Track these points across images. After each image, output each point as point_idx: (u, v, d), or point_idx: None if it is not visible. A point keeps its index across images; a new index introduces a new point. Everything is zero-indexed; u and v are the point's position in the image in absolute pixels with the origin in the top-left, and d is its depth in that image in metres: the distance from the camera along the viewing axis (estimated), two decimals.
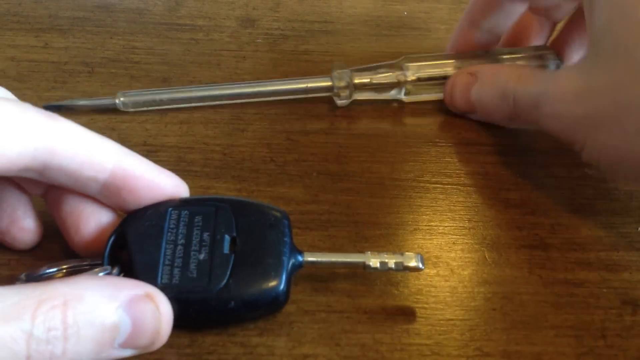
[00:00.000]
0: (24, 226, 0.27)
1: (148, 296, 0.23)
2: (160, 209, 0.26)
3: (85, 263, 0.26)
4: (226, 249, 0.25)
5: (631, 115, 0.27)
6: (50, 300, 0.21)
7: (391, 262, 0.26)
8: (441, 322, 0.26)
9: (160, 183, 0.26)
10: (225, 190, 0.31)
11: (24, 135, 0.23)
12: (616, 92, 0.27)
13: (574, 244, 0.30)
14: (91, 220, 0.26)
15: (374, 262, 0.26)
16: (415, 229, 0.30)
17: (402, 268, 0.26)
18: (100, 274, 0.25)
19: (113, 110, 0.36)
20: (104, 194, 0.26)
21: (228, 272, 0.24)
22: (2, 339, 0.20)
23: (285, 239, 0.26)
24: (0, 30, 0.41)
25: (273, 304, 0.25)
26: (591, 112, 0.28)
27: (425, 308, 0.27)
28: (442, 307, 0.27)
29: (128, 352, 0.23)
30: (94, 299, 0.22)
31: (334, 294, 0.27)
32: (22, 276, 0.25)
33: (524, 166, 0.34)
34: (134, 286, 0.23)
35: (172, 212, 0.26)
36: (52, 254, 0.28)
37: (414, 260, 0.26)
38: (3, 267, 0.27)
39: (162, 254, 0.25)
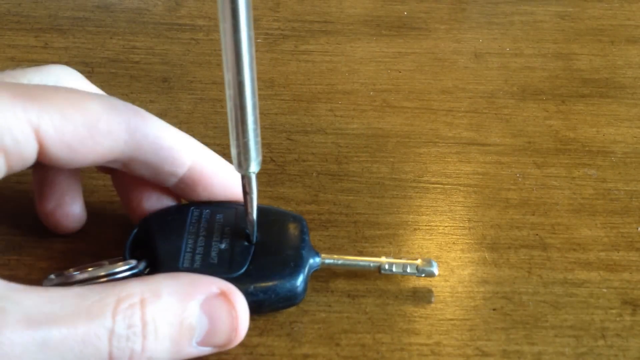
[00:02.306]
0: (69, 212, 0.28)
1: (223, 294, 0.23)
2: (183, 208, 0.27)
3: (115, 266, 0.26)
4: (247, 241, 0.26)
5: None
6: (128, 298, 0.21)
7: (406, 267, 0.27)
8: (441, 322, 0.26)
9: (234, 182, 0.27)
10: None
11: (115, 131, 0.23)
12: None
13: (574, 244, 0.30)
14: (153, 198, 0.27)
15: (389, 265, 0.27)
16: (415, 229, 0.30)
17: (417, 272, 0.27)
18: (125, 267, 0.25)
19: None
20: (179, 187, 0.26)
21: (248, 260, 0.25)
22: (87, 335, 0.20)
23: (304, 236, 0.27)
24: (0, 30, 0.41)
25: (291, 293, 0.25)
26: None
27: (425, 308, 0.27)
28: (442, 307, 0.27)
29: (206, 350, 0.23)
30: (171, 297, 0.22)
31: (334, 294, 0.27)
32: (52, 277, 0.25)
33: (524, 166, 0.34)
34: (209, 284, 0.23)
35: (194, 210, 0.27)
36: (52, 254, 0.28)
37: (429, 265, 0.27)
38: (3, 267, 0.27)
39: (184, 243, 0.25)
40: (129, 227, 0.27)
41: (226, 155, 0.33)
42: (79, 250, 0.28)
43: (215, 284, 0.23)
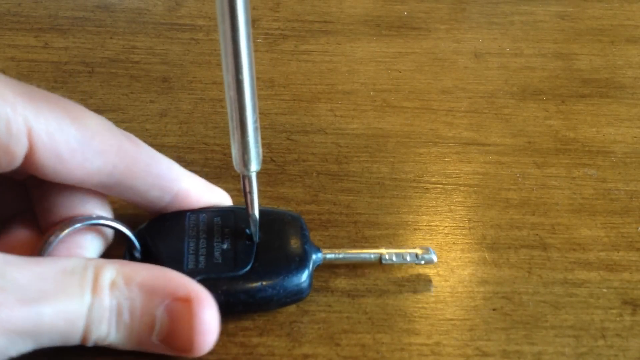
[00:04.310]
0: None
1: (187, 300, 0.22)
2: (179, 214, 0.27)
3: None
4: (248, 239, 0.26)
5: None
6: (101, 277, 0.22)
7: (405, 255, 0.27)
8: (441, 322, 0.26)
9: (214, 202, 0.27)
10: (225, 190, 0.31)
11: (107, 152, 0.23)
12: None
13: (574, 244, 0.30)
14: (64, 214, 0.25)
15: (390, 255, 0.27)
16: (415, 229, 0.30)
17: (417, 260, 0.27)
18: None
19: (113, 109, 0.36)
20: (162, 211, 0.27)
21: (252, 258, 0.25)
22: (71, 314, 0.21)
23: (305, 232, 0.27)
24: (0, 30, 0.41)
25: (298, 288, 0.25)
26: None
27: (425, 308, 0.27)
28: (442, 307, 0.27)
29: (168, 350, 0.23)
30: (139, 288, 0.22)
31: (334, 294, 0.27)
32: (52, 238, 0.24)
33: (524, 166, 0.34)
34: (179, 286, 0.23)
35: (191, 215, 0.27)
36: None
37: (427, 253, 0.27)
38: None
39: (186, 246, 0.26)
40: (131, 228, 0.27)
41: (227, 156, 0.34)
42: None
43: (186, 288, 0.23)
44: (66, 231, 0.24)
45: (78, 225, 0.24)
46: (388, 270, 0.28)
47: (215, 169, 0.33)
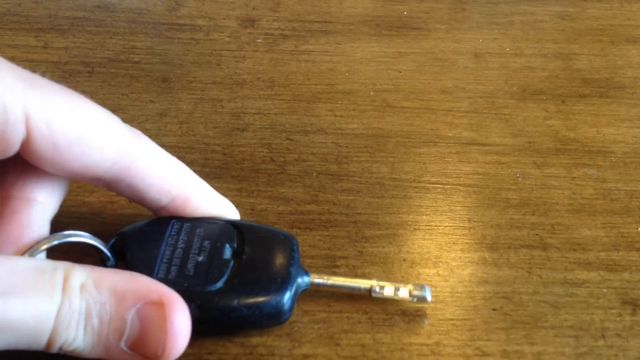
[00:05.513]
0: None
1: (159, 304, 0.22)
2: (163, 220, 0.26)
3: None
4: (226, 255, 0.25)
5: None
6: (71, 279, 0.21)
7: (398, 290, 0.26)
8: (441, 322, 0.26)
9: (216, 213, 0.27)
10: (225, 190, 0.31)
11: (106, 148, 0.23)
12: None
13: (574, 244, 0.30)
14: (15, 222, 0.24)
15: (380, 288, 0.26)
16: (415, 229, 0.30)
17: (410, 297, 0.26)
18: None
19: (113, 109, 0.36)
20: (160, 212, 0.26)
21: (226, 275, 0.25)
22: (40, 312, 0.20)
23: (294, 254, 0.26)
24: (0, 30, 0.41)
25: (276, 311, 0.25)
26: None
27: (425, 308, 0.27)
28: (442, 307, 0.27)
29: (136, 358, 0.22)
30: (109, 292, 0.22)
31: (334, 294, 0.27)
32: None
33: (524, 166, 0.34)
34: (151, 290, 0.22)
35: (175, 223, 0.26)
36: (50, 253, 0.28)
37: (421, 290, 0.26)
38: None
39: (161, 253, 0.25)
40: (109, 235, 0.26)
41: (227, 156, 0.34)
42: (78, 250, 0.28)
43: (157, 292, 0.22)
44: (42, 248, 0.24)
45: (55, 242, 0.24)
46: (388, 271, 0.28)
47: (215, 169, 0.33)
